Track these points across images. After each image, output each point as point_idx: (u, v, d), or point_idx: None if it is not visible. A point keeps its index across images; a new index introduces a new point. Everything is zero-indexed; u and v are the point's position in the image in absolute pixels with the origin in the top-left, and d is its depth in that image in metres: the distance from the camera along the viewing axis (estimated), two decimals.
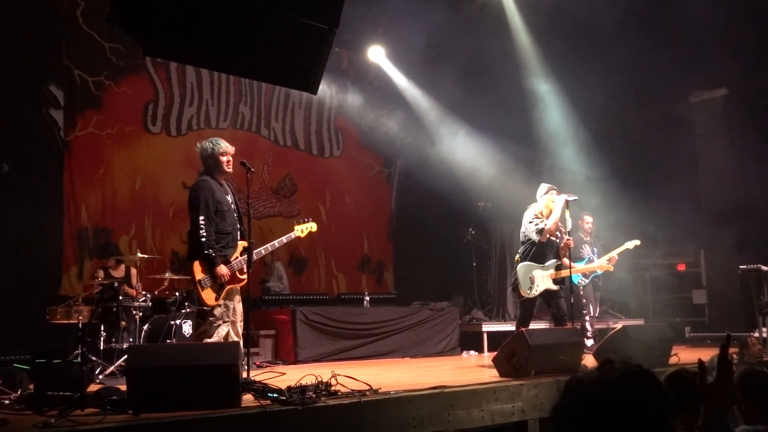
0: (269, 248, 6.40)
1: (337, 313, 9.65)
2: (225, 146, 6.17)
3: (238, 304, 6.17)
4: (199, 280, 5.93)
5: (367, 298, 10.41)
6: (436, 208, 12.37)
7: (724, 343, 2.16)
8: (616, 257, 9.40)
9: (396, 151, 12.37)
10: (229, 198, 6.19)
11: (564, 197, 7.51)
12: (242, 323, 6.13)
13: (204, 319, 6.05)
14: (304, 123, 11.82)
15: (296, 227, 6.61)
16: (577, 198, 7.65)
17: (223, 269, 5.96)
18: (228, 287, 6.06)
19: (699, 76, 10.93)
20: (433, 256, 12.38)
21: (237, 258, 6.09)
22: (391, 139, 11.98)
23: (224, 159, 6.13)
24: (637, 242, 9.48)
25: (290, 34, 4.10)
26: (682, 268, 11.63)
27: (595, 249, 9.85)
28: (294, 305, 9.73)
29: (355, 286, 11.62)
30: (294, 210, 11.38)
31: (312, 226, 6.65)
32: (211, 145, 6.15)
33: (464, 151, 11.55)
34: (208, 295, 5.95)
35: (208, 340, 5.88)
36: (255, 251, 6.08)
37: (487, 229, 11.70)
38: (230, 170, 6.22)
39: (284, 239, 6.51)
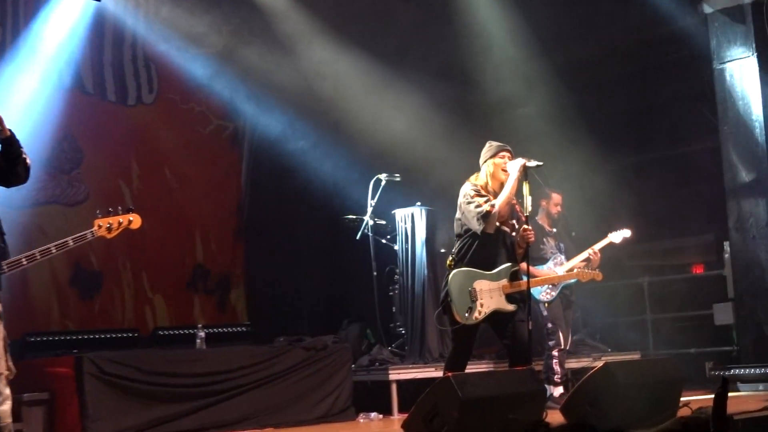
0: (37, 256, 6.14)
1: (154, 359, 9.28)
2: None
3: None
4: None
5: (203, 333, 9.96)
6: (311, 186, 12.10)
7: (720, 390, 2.38)
8: (598, 254, 9.61)
9: (246, 93, 11.98)
10: None
11: (520, 162, 7.49)
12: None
13: None
14: (91, 52, 11.19)
15: (97, 222, 6.50)
16: (541, 164, 7.62)
17: None
18: None
19: None
20: (308, 263, 12.25)
21: None
22: (236, 73, 11.61)
23: None
24: (627, 233, 9.83)
25: None
26: (698, 270, 11.91)
27: (562, 245, 10.10)
28: (80, 349, 9.44)
29: (184, 316, 11.19)
30: (80, 192, 10.79)
31: (131, 220, 6.64)
32: None
33: (353, 91, 11.39)
34: None
35: None
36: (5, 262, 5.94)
37: (394, 217, 11.39)
38: None
39: (70, 241, 6.36)
